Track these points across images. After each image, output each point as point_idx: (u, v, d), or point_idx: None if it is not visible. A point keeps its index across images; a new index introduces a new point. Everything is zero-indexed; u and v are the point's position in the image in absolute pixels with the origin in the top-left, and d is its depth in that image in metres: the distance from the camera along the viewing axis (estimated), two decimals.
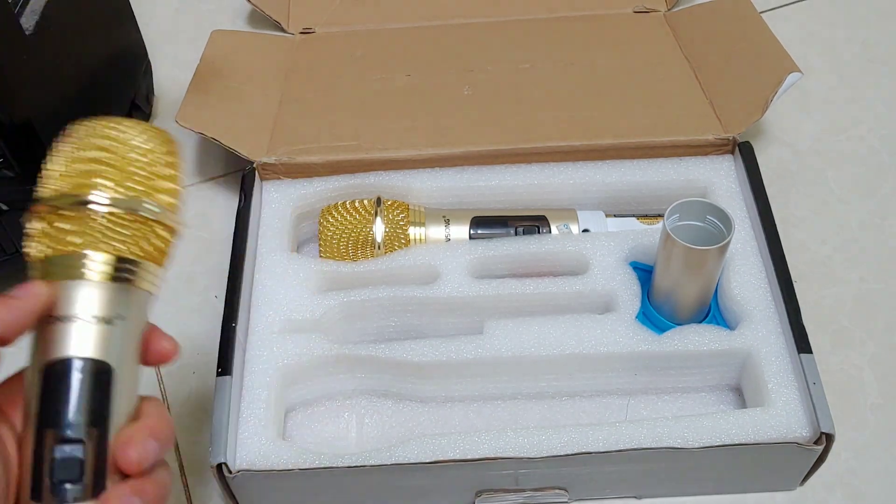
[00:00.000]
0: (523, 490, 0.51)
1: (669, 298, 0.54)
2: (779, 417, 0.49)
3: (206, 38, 0.73)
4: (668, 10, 0.77)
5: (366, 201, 0.60)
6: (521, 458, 0.48)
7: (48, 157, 0.36)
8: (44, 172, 0.36)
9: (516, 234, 0.59)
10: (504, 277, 0.58)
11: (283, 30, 0.79)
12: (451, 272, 0.57)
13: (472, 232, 0.59)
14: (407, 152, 0.63)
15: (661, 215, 0.60)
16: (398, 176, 0.62)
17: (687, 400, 0.55)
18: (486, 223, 0.60)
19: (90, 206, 0.34)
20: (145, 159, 0.36)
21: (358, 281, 0.57)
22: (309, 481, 0.49)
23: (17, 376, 0.35)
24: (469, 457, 0.48)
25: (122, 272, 0.35)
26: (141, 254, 0.35)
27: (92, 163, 0.35)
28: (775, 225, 0.57)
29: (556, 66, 0.71)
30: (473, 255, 0.58)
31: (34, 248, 0.35)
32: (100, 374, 0.34)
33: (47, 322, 0.34)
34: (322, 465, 0.48)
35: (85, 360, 0.33)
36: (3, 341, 0.33)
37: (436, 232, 0.59)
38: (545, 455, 0.48)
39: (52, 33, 0.57)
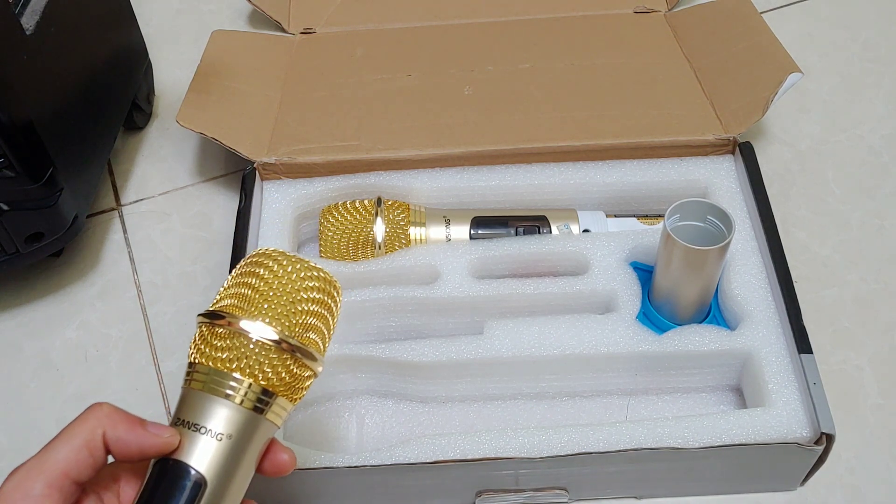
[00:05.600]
0: (523, 490, 0.51)
1: (670, 298, 0.54)
2: (779, 418, 0.49)
3: (207, 38, 0.73)
4: (669, 10, 0.77)
5: (366, 201, 0.60)
6: (521, 458, 0.48)
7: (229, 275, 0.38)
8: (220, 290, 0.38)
9: (517, 234, 0.59)
10: (504, 277, 0.58)
11: (283, 30, 0.79)
12: (452, 272, 0.57)
13: (472, 232, 0.59)
14: (407, 152, 0.63)
15: (661, 215, 0.60)
16: (399, 176, 0.63)
17: (687, 400, 0.55)
18: (487, 223, 0.60)
19: (250, 333, 0.35)
20: (309, 298, 0.37)
21: (358, 281, 0.57)
22: (309, 481, 0.49)
23: (115, 464, 0.36)
24: (469, 457, 0.48)
25: (260, 402, 0.36)
26: (281, 389, 0.36)
27: (256, 292, 0.36)
28: (775, 225, 0.57)
29: (556, 66, 0.71)
30: (474, 256, 0.58)
31: (190, 351, 0.37)
32: (194, 486, 0.34)
33: (177, 422, 0.36)
34: (322, 465, 0.48)
35: (187, 468, 0.34)
36: (118, 456, 0.35)
37: (436, 232, 0.59)
38: (545, 455, 0.48)
39: (53, 33, 0.57)
